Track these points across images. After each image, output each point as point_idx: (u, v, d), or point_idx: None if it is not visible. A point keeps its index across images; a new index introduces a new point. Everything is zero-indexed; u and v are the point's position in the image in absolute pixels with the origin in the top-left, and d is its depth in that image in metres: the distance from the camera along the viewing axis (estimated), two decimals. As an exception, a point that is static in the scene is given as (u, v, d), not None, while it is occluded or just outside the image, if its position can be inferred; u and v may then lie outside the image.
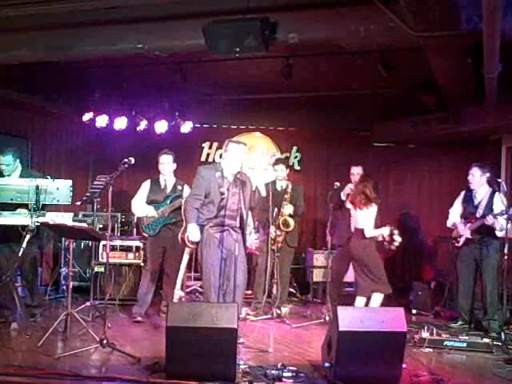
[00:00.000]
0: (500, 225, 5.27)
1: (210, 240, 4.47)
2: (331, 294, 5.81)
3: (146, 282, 5.62)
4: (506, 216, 5.06)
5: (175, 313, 3.59)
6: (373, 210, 5.26)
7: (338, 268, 6.02)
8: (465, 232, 5.59)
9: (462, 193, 5.80)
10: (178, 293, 6.18)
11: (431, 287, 6.83)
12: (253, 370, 3.76)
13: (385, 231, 5.21)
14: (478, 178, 5.58)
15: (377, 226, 5.27)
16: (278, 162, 6.44)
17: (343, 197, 6.07)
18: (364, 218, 5.27)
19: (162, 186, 5.75)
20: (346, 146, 8.09)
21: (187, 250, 6.29)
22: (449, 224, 5.86)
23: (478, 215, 5.51)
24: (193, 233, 4.44)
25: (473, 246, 5.57)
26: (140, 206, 5.68)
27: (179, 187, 5.78)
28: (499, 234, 5.35)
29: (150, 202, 5.66)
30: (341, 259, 6.00)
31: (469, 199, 5.70)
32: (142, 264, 6.18)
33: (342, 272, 6.08)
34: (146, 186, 5.78)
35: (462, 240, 5.63)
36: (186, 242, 5.73)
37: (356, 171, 6.20)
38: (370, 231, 5.22)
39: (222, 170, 4.52)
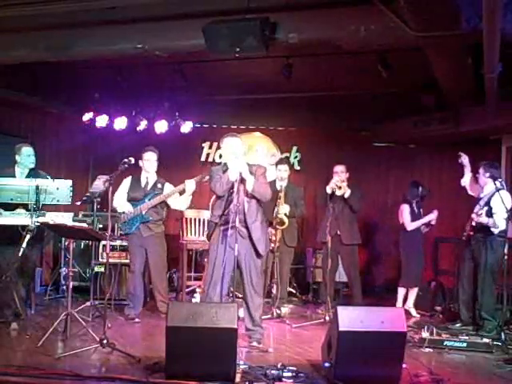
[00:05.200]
0: (489, 221, 5.29)
1: (216, 236, 4.53)
2: (330, 293, 5.81)
3: (133, 283, 5.58)
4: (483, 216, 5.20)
5: (175, 313, 3.59)
6: None
7: (333, 266, 6.06)
8: (467, 229, 5.60)
9: None
10: None
11: (431, 287, 6.84)
12: (253, 370, 3.75)
13: None
14: (481, 177, 5.61)
15: None
16: (282, 161, 6.45)
17: (329, 190, 5.96)
18: None
19: (143, 184, 5.69)
20: (346, 146, 8.07)
21: None
22: None
23: (474, 211, 5.49)
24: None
25: (472, 244, 5.56)
26: (120, 202, 5.63)
27: (159, 185, 5.74)
28: (495, 231, 5.33)
29: (129, 200, 5.62)
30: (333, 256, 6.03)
31: (478, 196, 5.72)
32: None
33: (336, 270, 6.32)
34: (126, 182, 5.70)
35: (464, 235, 5.61)
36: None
37: (340, 169, 6.20)
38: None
39: (227, 169, 4.53)
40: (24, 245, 4.52)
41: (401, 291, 6.46)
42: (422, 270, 6.53)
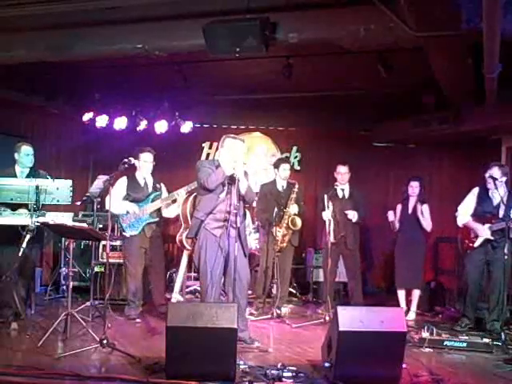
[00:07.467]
0: None
1: (207, 239, 4.46)
2: (330, 293, 5.81)
3: (135, 284, 5.52)
4: None
5: (175, 313, 3.59)
6: None
7: (334, 266, 6.08)
8: (484, 233, 5.32)
9: (476, 191, 5.51)
10: (176, 297, 6.20)
11: (431, 287, 6.83)
12: (253, 370, 3.75)
13: None
14: (498, 179, 5.23)
15: None
16: (284, 161, 6.47)
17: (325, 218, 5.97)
18: None
19: (142, 185, 5.65)
20: (346, 146, 8.07)
21: (186, 251, 6.31)
22: (460, 223, 5.55)
23: (500, 216, 5.26)
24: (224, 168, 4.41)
25: (486, 247, 5.36)
26: (119, 203, 5.49)
27: (158, 186, 5.74)
28: None
29: (130, 201, 5.55)
30: (334, 257, 6.05)
31: (485, 198, 5.42)
32: (123, 265, 5.81)
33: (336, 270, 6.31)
34: (122, 183, 5.58)
35: (479, 241, 5.37)
36: (184, 243, 5.71)
37: (343, 170, 6.20)
38: None
39: (219, 165, 4.52)
40: (24, 245, 4.52)
41: (398, 292, 6.29)
42: (415, 271, 6.17)
